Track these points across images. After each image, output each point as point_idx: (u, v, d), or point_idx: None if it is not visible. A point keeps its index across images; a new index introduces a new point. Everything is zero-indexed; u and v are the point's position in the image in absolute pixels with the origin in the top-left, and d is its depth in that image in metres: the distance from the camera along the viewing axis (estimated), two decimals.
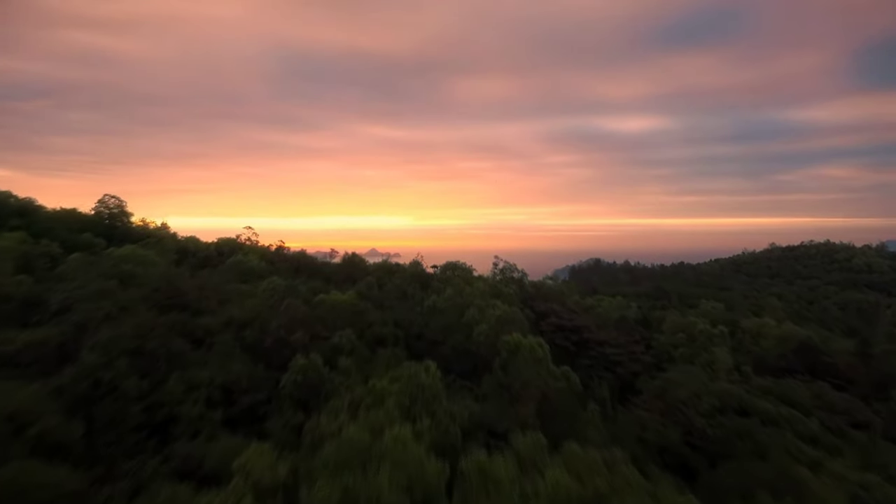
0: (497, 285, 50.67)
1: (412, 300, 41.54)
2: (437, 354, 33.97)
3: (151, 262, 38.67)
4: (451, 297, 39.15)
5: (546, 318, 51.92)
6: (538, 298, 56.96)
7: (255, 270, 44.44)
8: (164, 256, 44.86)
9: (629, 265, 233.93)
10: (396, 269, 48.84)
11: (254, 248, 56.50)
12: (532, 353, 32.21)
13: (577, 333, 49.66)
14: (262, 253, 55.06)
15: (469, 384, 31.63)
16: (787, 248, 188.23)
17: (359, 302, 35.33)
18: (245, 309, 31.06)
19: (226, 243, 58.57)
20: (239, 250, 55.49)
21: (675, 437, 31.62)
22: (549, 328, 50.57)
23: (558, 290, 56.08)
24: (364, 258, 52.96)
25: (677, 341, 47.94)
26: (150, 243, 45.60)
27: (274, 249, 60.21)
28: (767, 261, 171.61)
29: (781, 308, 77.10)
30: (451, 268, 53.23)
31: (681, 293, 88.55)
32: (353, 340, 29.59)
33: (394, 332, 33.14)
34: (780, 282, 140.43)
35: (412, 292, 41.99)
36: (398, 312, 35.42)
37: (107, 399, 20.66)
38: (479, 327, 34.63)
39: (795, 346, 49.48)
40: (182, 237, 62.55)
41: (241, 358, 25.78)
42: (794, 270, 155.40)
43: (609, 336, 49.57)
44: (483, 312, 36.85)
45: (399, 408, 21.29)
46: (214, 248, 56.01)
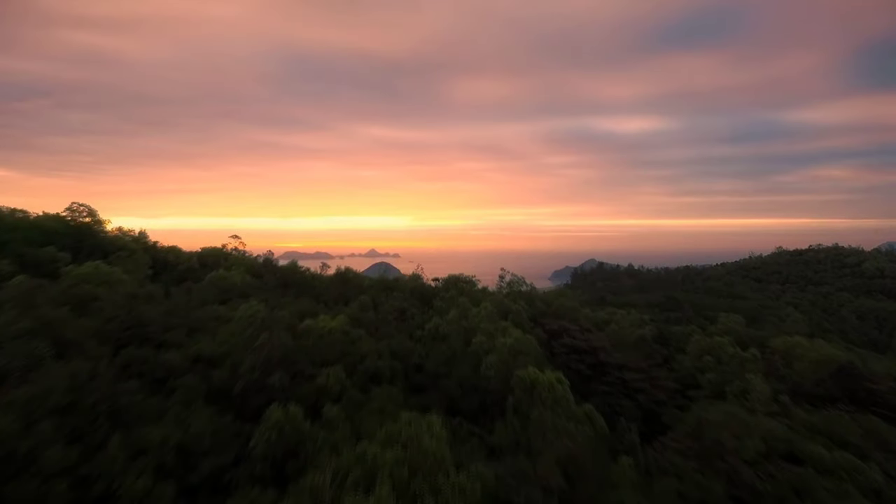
0: (504, 301, 46.33)
1: (412, 321, 37.15)
2: (440, 391, 29.69)
3: (118, 280, 34.30)
4: (456, 320, 34.79)
5: (558, 337, 47.55)
6: (549, 315, 52.64)
7: (237, 287, 40.06)
8: (137, 272, 40.50)
9: (632, 268, 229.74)
10: (394, 285, 44.43)
11: (240, 258, 52.10)
12: (551, 391, 27.89)
13: (593, 356, 45.26)
14: (248, 265, 50.65)
15: (478, 430, 27.32)
16: (795, 251, 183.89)
17: (350, 329, 30.94)
18: (217, 342, 26.66)
19: (210, 254, 54.17)
20: (223, 261, 51.12)
21: (719, 491, 27.23)
22: (563, 350, 46.21)
23: (570, 306, 51.65)
24: (358, 272, 48.45)
25: (704, 365, 43.57)
26: (121, 257, 41.21)
27: (262, 260, 55.79)
28: (776, 265, 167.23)
29: (804, 321, 72.76)
30: (454, 282, 48.85)
31: (694, 303, 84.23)
32: (343, 379, 25.19)
33: (390, 365, 28.73)
34: (791, 288, 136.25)
35: (412, 313, 37.59)
36: (396, 340, 31.03)
37: (22, 476, 16.27)
38: (488, 358, 30.29)
39: (834, 370, 45.15)
40: (165, 246, 58.27)
41: (205, 409, 21.35)
42: (804, 275, 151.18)
43: (628, 359, 45.21)
44: (492, 339, 32.53)
45: (395, 485, 16.93)
46: (197, 258, 51.62)
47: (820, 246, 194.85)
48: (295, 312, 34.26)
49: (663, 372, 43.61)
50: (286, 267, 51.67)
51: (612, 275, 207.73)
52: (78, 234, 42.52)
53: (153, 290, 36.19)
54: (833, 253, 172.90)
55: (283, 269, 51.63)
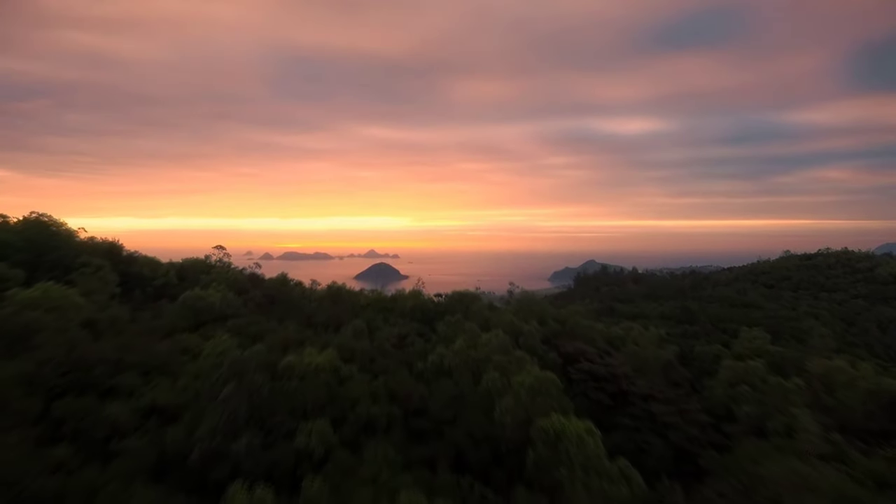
0: (514, 322, 41.78)
1: (412, 347, 32.55)
2: (445, 440, 25.10)
3: (72, 305, 29.64)
4: (463, 350, 30.18)
5: (575, 362, 42.99)
6: (564, 335, 48.07)
7: (215, 308, 35.46)
8: (102, 291, 35.85)
9: (637, 272, 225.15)
10: (392, 305, 39.82)
11: (224, 271, 47.46)
12: (580, 445, 23.34)
13: (615, 383, 40.64)
14: (232, 279, 46.00)
15: (493, 495, 22.78)
16: (804, 255, 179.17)
17: (341, 365, 26.36)
18: (177, 388, 22.09)
19: (191, 266, 49.53)
20: (204, 275, 46.48)
21: None
22: (580, 376, 41.56)
23: (586, 325, 47.06)
24: (352, 289, 43.72)
25: (739, 394, 39.09)
26: (84, 274, 36.56)
27: (248, 274, 51.12)
28: (785, 270, 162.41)
29: (830, 335, 68.32)
30: (458, 299, 44.26)
31: (710, 314, 79.65)
32: (328, 436, 20.59)
33: (387, 412, 24.14)
34: (804, 295, 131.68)
35: (412, 339, 32.99)
36: (394, 378, 26.43)
37: None
38: (502, 401, 25.74)
39: (887, 402, 40.63)
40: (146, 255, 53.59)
41: (149, 487, 16.74)
42: (816, 281, 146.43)
43: (653, 387, 40.67)
44: (506, 376, 27.98)
45: None
46: (176, 271, 46.97)
47: (829, 250, 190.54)
48: (277, 342, 29.64)
49: (694, 402, 39.07)
50: (274, 281, 47.11)
51: (616, 279, 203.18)
52: (37, 247, 37.85)
53: (116, 314, 31.56)
54: (843, 257, 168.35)
55: (271, 283, 47.08)
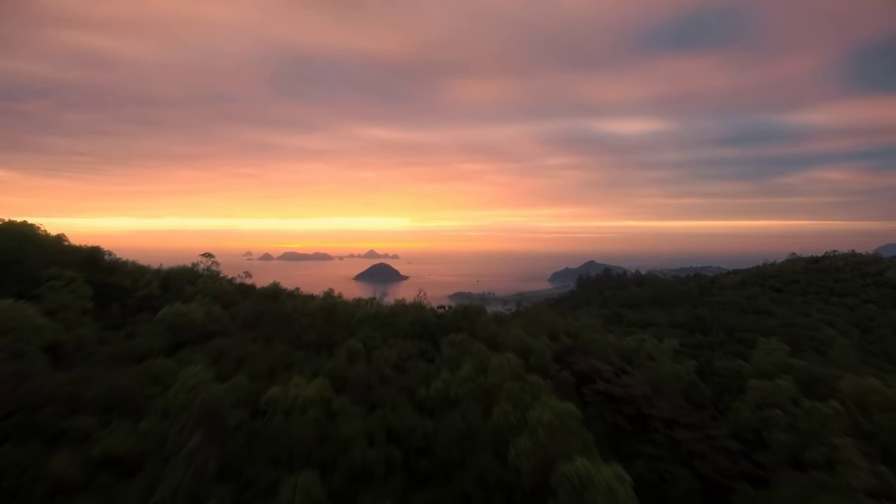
0: (524, 338, 38.59)
1: (414, 371, 29.34)
2: (452, 486, 21.92)
3: (31, 327, 26.45)
4: (470, 377, 26.98)
5: (589, 381, 39.79)
6: (576, 352, 44.87)
7: (198, 325, 32.28)
8: (73, 307, 32.63)
9: (640, 275, 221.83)
10: (392, 320, 36.57)
11: (210, 283, 44.23)
12: (610, 495, 20.18)
13: (634, 405, 37.44)
14: (219, 291, 42.80)
15: None
16: (811, 258, 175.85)
17: (333, 397, 23.20)
18: (138, 433, 18.89)
19: (177, 275, 46.32)
20: (190, 286, 43.29)
21: None
22: (595, 398, 38.30)
23: (600, 340, 43.86)
24: (348, 302, 40.44)
25: (770, 419, 35.80)
26: (54, 288, 33.36)
27: (238, 283, 47.92)
28: (792, 273, 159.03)
29: (850, 346, 65.10)
30: (462, 312, 41.05)
31: (723, 322, 76.42)
32: (315, 493, 17.40)
33: (386, 454, 20.97)
34: (814, 300, 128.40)
35: (413, 362, 29.76)
36: (393, 414, 23.22)
37: None
38: (517, 441, 22.61)
39: None
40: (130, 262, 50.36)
41: None
42: (825, 285, 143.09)
43: (676, 409, 37.48)
44: (520, 407, 24.83)
45: None
46: (160, 281, 43.76)
47: (836, 252, 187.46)
48: (262, 367, 26.45)
49: (721, 427, 35.82)
50: (265, 291, 43.95)
51: (618, 281, 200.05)
52: (2, 257, 34.64)
53: (84, 335, 28.35)
54: (852, 260, 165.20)
55: (262, 293, 43.93)
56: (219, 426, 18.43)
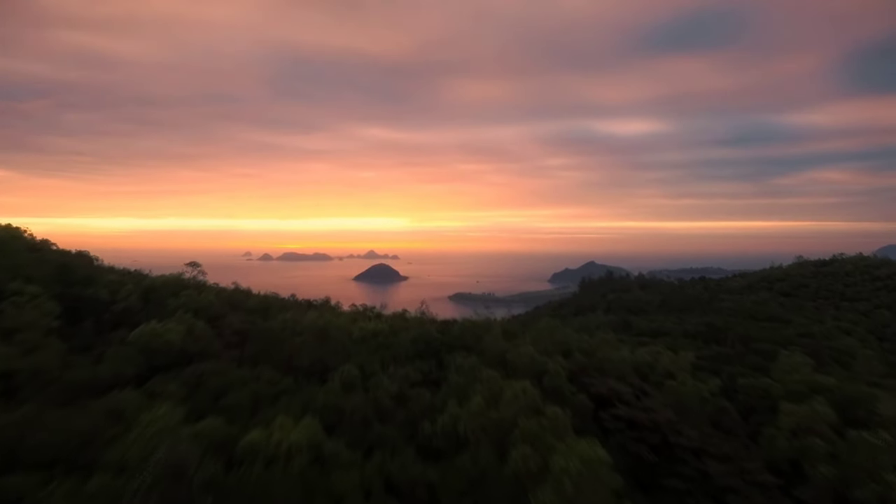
0: (536, 357, 35.33)
1: (417, 402, 26.04)
2: None
3: None
4: (482, 410, 23.72)
5: (608, 405, 36.48)
6: (591, 370, 41.50)
7: (175, 348, 29.02)
8: (34, 327, 29.26)
9: (643, 277, 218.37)
10: (392, 341, 33.22)
11: (195, 295, 40.88)
12: None
13: (658, 433, 34.14)
14: (206, 303, 39.49)
15: None
16: (819, 261, 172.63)
17: (324, 439, 19.96)
18: (83, 496, 15.63)
19: (161, 285, 43.00)
20: (173, 298, 40.00)
21: None
22: (616, 425, 35.01)
23: (618, 357, 40.59)
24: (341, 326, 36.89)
25: (809, 449, 32.38)
26: (17, 304, 30.06)
27: (230, 291, 44.59)
28: (801, 277, 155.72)
29: (874, 357, 61.78)
30: (470, 329, 37.73)
31: (738, 331, 73.14)
32: None
33: None
34: (824, 305, 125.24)
35: (416, 391, 26.45)
36: (394, 462, 19.92)
37: None
38: (538, 494, 19.41)
39: None
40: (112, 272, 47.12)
41: None
42: (835, 289, 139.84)
43: (705, 438, 34.22)
44: (540, 450, 21.57)
45: None
46: (141, 292, 40.46)
47: (843, 255, 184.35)
48: (243, 402, 23.16)
49: (755, 458, 32.49)
50: (254, 304, 40.67)
51: (622, 284, 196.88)
52: None
53: (42, 362, 25.04)
54: (861, 264, 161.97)
55: (251, 306, 40.64)
56: (183, 487, 15.21)
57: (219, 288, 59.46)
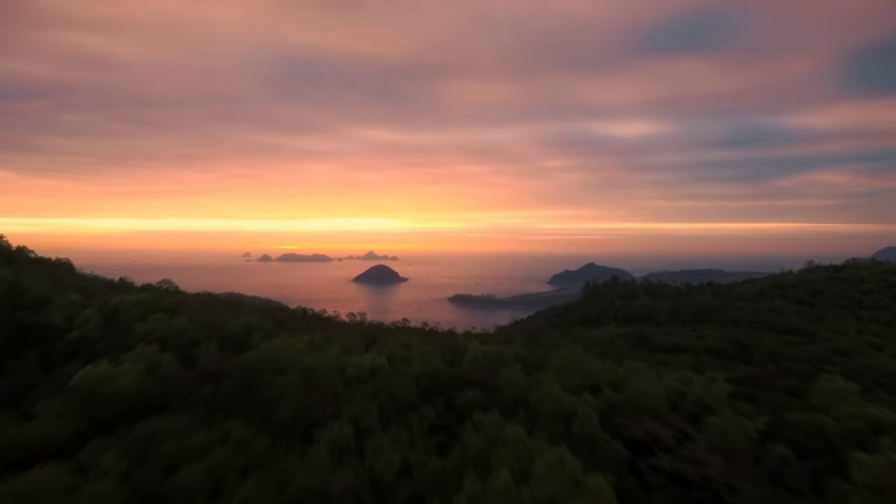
0: (562, 396, 30.07)
1: (426, 471, 20.83)
2: None
3: None
4: (507, 488, 18.55)
5: (647, 453, 31.24)
6: (623, 407, 36.07)
7: (127, 398, 23.80)
8: None
9: (649, 283, 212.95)
10: (392, 382, 27.72)
11: (170, 315, 35.60)
12: None
13: (709, 490, 28.90)
14: (178, 330, 34.22)
15: None
16: (832, 267, 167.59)
17: None
18: None
19: (129, 308, 37.73)
20: (140, 323, 34.73)
21: None
22: (657, 479, 29.83)
23: (652, 391, 35.29)
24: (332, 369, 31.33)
25: None
26: None
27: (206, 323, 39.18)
28: (814, 283, 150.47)
29: None
30: (483, 362, 32.41)
31: (763, 346, 68.02)
32: None
33: None
34: (843, 314, 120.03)
35: (422, 459, 21.18)
36: None
37: None
38: None
39: None
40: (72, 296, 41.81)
41: None
42: (850, 297, 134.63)
43: (767, 499, 29.00)
44: None
45: None
46: (105, 316, 35.19)
47: (854, 260, 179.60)
48: (199, 481, 17.91)
49: None
50: (235, 330, 35.33)
51: (628, 289, 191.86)
52: None
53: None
54: (875, 269, 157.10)
55: (230, 332, 35.31)
56: None
57: (200, 301, 54.22)
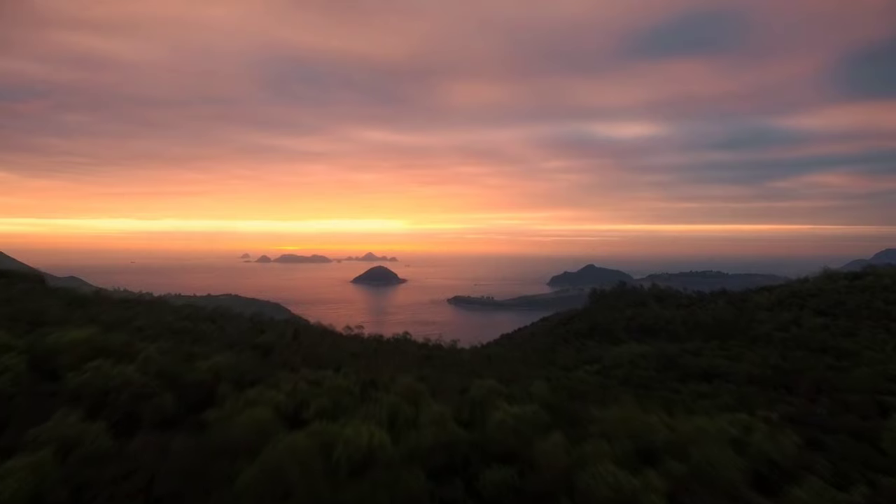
0: (620, 484, 23.12)
1: None
2: None
3: None
4: None
5: None
6: (692, 482, 29.14)
7: None
8: None
9: (658, 288, 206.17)
10: (394, 475, 20.71)
11: (113, 363, 28.31)
12: None
13: None
14: (124, 381, 26.99)
15: None
16: (850, 274, 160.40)
17: None
18: None
19: (70, 345, 30.44)
20: (74, 372, 27.46)
21: None
22: None
23: (724, 458, 27.97)
24: (313, 461, 24.46)
25: None
26: None
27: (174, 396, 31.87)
28: (835, 293, 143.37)
29: None
30: (513, 430, 25.31)
31: (808, 372, 61.29)
32: None
33: None
34: (872, 327, 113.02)
35: None
36: None
37: None
38: None
39: None
40: None
41: None
42: (877, 308, 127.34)
43: None
44: None
45: None
46: (33, 360, 27.98)
47: (872, 267, 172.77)
48: None
49: None
50: (199, 379, 28.24)
51: (636, 297, 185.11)
52: None
53: None
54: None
55: (195, 383, 28.22)
56: None
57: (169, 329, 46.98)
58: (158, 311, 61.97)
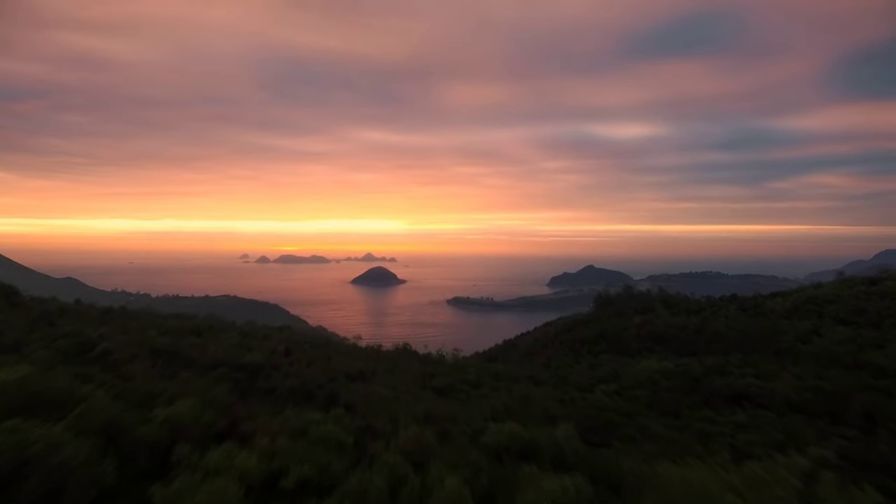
0: None
1: None
2: None
3: None
4: None
5: None
6: None
7: None
8: None
9: (664, 292, 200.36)
10: None
11: (44, 421, 22.61)
12: None
13: None
14: (44, 450, 21.34)
15: None
16: (867, 280, 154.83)
17: None
18: None
19: None
20: (9, 434, 21.55)
21: None
22: None
23: None
24: None
25: None
26: None
27: None
28: (853, 300, 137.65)
29: None
30: None
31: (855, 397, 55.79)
32: None
33: None
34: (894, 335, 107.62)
35: None
36: None
37: None
38: None
39: None
40: None
41: None
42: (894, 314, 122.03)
43: None
44: None
45: None
46: None
47: (889, 271, 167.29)
48: None
49: None
50: (148, 437, 23.17)
51: (644, 301, 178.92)
52: None
53: None
54: None
55: (144, 441, 23.08)
56: None
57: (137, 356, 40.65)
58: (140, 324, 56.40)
